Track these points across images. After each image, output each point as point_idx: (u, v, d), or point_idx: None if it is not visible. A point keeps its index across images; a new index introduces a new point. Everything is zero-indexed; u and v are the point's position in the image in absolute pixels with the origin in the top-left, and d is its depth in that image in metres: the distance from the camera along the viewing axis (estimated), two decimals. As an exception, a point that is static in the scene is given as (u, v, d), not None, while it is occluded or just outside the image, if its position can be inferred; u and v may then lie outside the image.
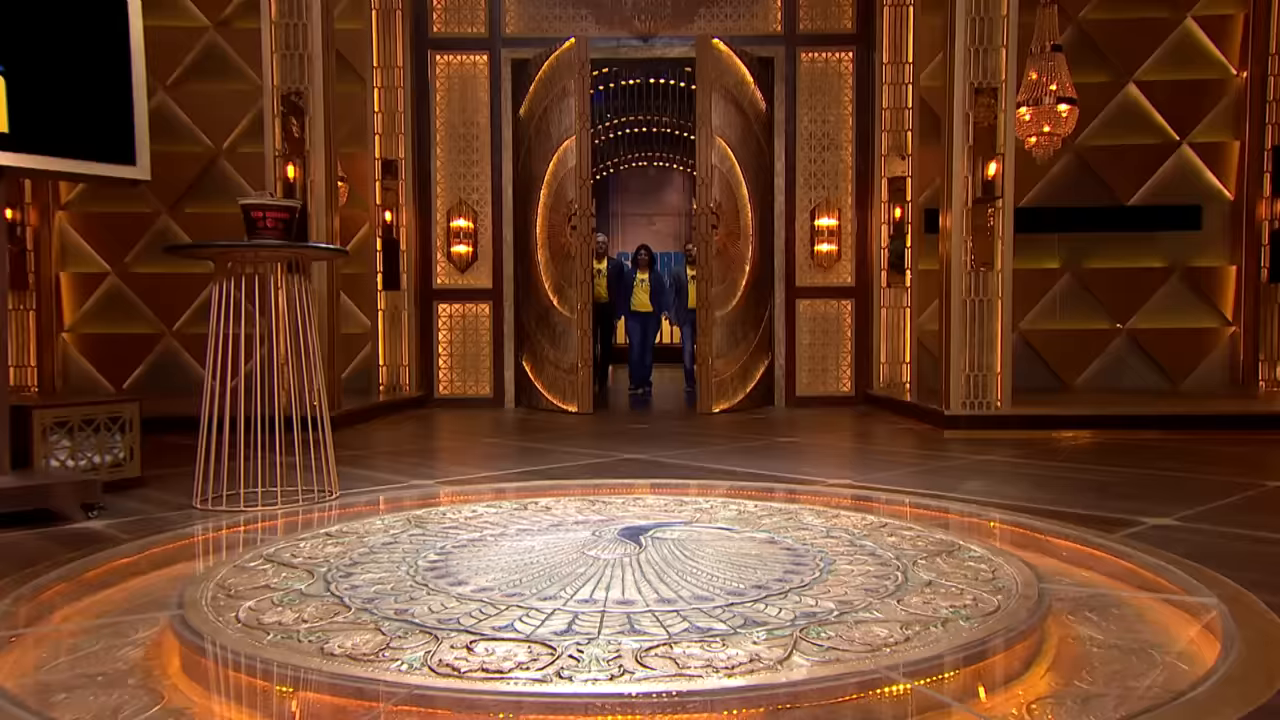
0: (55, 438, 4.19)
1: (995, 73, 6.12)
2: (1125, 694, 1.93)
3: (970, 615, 2.28)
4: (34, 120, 3.69)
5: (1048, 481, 4.75)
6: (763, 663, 1.92)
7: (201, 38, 8.43)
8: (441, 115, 8.75)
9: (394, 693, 1.82)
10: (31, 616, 2.52)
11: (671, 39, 8.37)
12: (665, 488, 4.55)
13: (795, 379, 8.57)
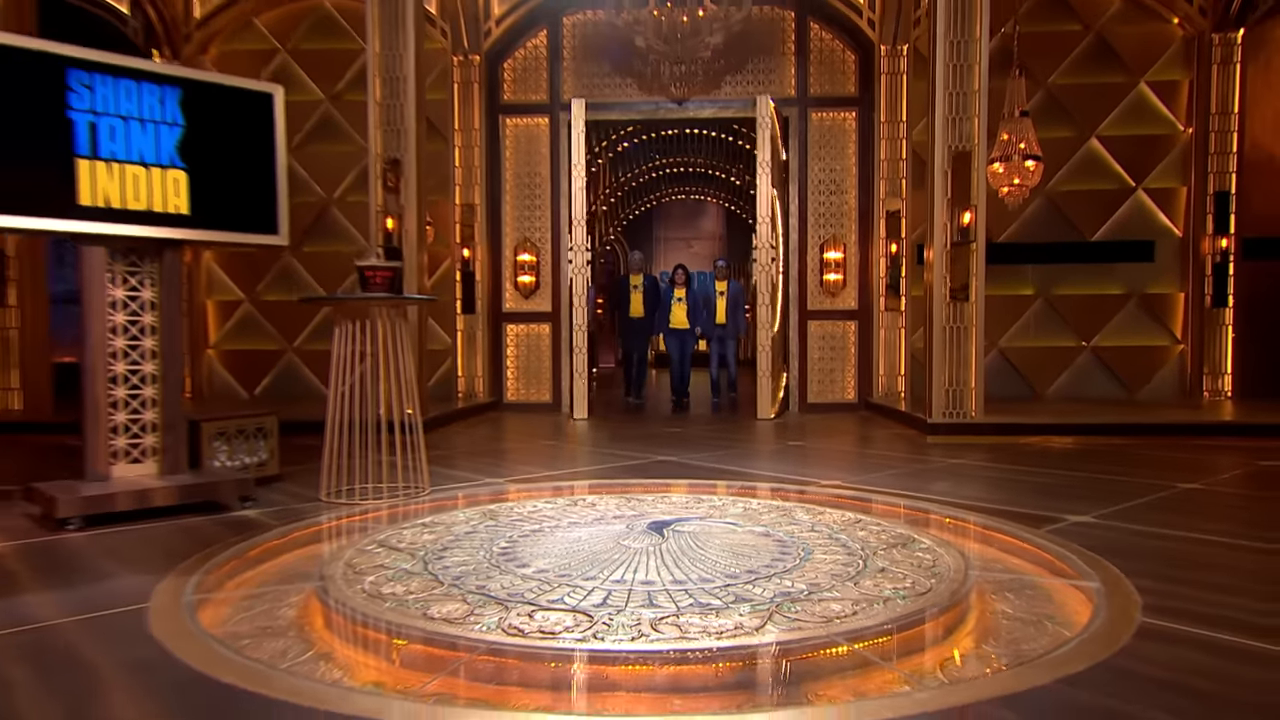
0: (217, 443, 4.56)
1: (969, 138, 6.25)
2: (1016, 654, 2.21)
3: (907, 595, 2.55)
4: (208, 204, 4.10)
5: (1002, 483, 4.86)
6: (744, 630, 2.22)
7: (318, 109, 8.81)
8: (510, 167, 8.95)
9: (476, 646, 2.15)
10: (215, 584, 2.88)
11: (702, 102, 8.52)
12: (686, 487, 4.72)
13: (807, 388, 8.67)
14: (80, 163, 3.70)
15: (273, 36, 8.76)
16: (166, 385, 4.03)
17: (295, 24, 8.77)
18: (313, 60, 8.79)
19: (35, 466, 5.33)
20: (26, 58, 3.59)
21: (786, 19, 8.44)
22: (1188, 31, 8.06)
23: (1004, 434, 6.34)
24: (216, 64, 8.64)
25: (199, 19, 8.55)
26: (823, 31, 8.46)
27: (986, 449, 6.00)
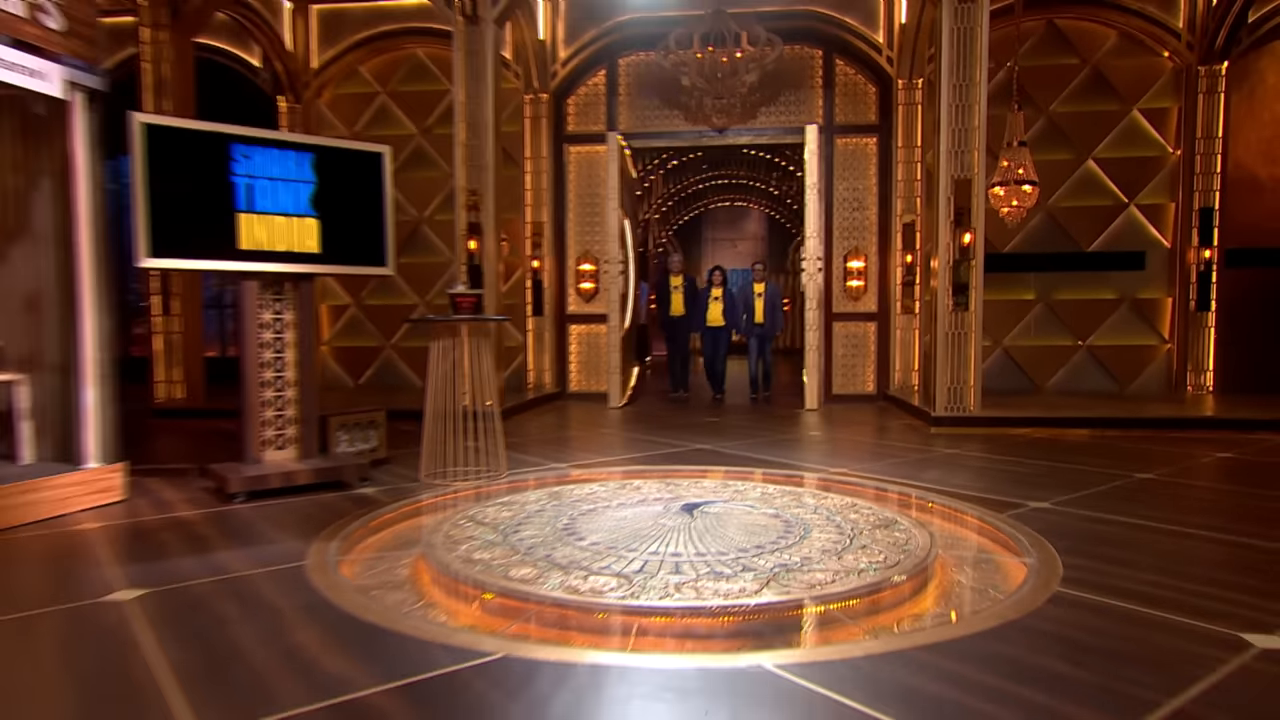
0: (340, 433, 5.05)
1: (970, 167, 6.44)
2: (960, 614, 2.64)
3: (879, 568, 2.98)
4: (334, 243, 4.61)
5: (985, 471, 5.06)
6: (746, 593, 2.68)
7: (411, 142, 9.25)
8: (573, 189, 9.24)
9: (543, 601, 2.64)
10: (349, 547, 3.41)
11: (740, 130, 8.73)
12: (715, 474, 5.00)
13: (831, 381, 8.83)
14: (240, 216, 4.29)
15: (375, 81, 9.26)
16: (303, 388, 4.56)
17: (393, 70, 9.25)
18: (407, 100, 9.25)
19: (200, 447, 5.94)
20: (202, 137, 4.17)
21: (815, 57, 8.61)
22: (1177, 64, 8.10)
23: (998, 426, 6.54)
24: (330, 106, 9.22)
25: (315, 69, 9.09)
26: (847, 67, 8.61)
27: (981, 440, 6.20)
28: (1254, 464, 5.32)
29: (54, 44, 3.71)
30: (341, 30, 9.05)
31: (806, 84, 8.64)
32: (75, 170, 3.90)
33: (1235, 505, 4.30)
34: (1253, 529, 3.58)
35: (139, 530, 3.59)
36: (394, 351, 9.42)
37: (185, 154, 4.11)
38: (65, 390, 4.05)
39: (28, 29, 3.57)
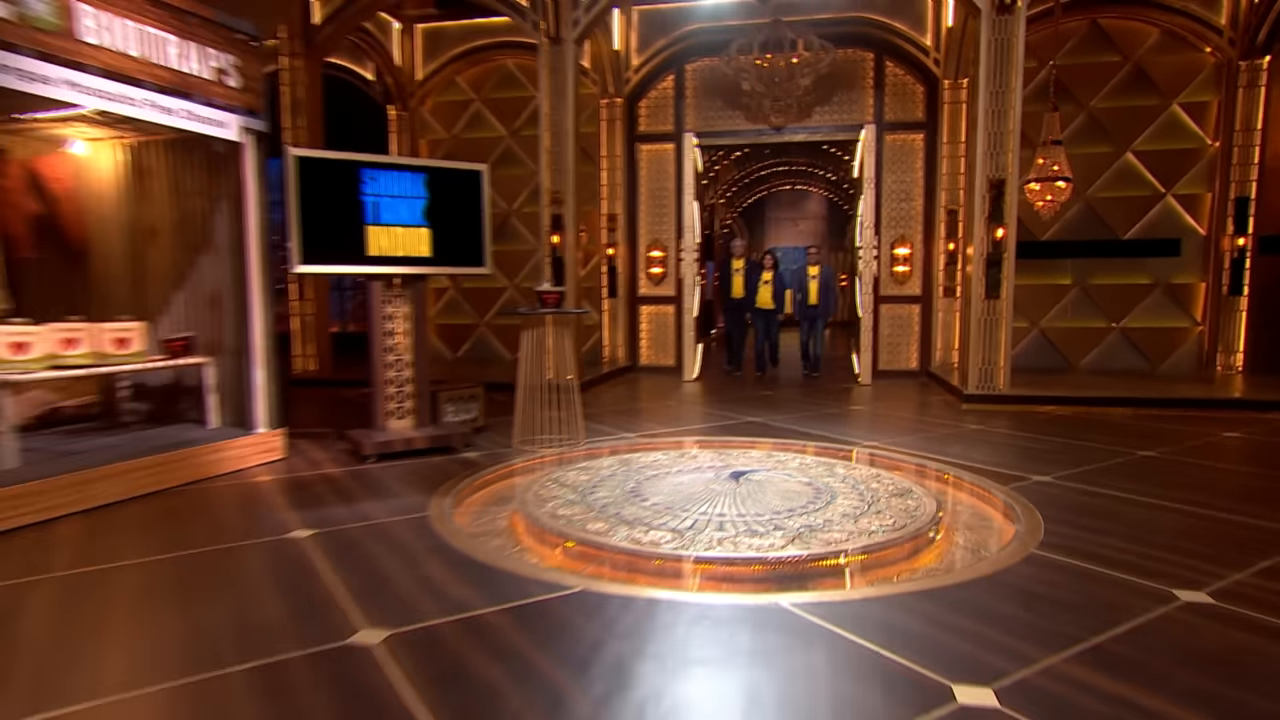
0: (447, 405, 5.61)
1: (1004, 168, 6.54)
2: (951, 569, 3.06)
3: (887, 530, 3.41)
4: (442, 248, 5.12)
5: (1002, 447, 5.26)
6: (774, 548, 3.15)
7: (501, 143, 9.71)
8: (644, 183, 9.59)
9: (613, 549, 3.16)
10: (460, 501, 3.97)
11: (796, 129, 8.88)
12: (762, 445, 5.35)
13: (878, 359, 9.00)
14: (368, 228, 4.89)
15: (470, 89, 9.77)
16: (418, 368, 5.15)
17: (486, 79, 9.75)
18: (498, 106, 9.73)
19: (333, 413, 6.62)
20: (340, 164, 4.79)
21: (867, 59, 8.73)
22: (1218, 59, 7.94)
23: (1025, 404, 6.68)
24: (431, 112, 9.80)
25: (420, 80, 9.65)
26: (896, 68, 8.70)
27: (1007, 416, 6.39)
28: (1257, 443, 5.41)
29: (233, 99, 4.35)
30: (441, 46, 9.59)
31: (858, 84, 8.77)
32: (246, 196, 4.57)
33: (1219, 481, 4.45)
34: (1224, 503, 3.82)
35: (300, 483, 4.28)
36: (486, 329, 10.03)
37: (326, 178, 4.72)
38: (240, 370, 4.76)
39: (215, 89, 4.22)
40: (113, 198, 4.96)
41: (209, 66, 4.22)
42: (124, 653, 2.30)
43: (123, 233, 4.97)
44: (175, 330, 4.80)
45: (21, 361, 3.90)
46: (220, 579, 2.88)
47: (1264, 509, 3.70)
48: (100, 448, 4.20)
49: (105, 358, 4.26)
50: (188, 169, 4.78)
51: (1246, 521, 3.52)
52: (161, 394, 5.04)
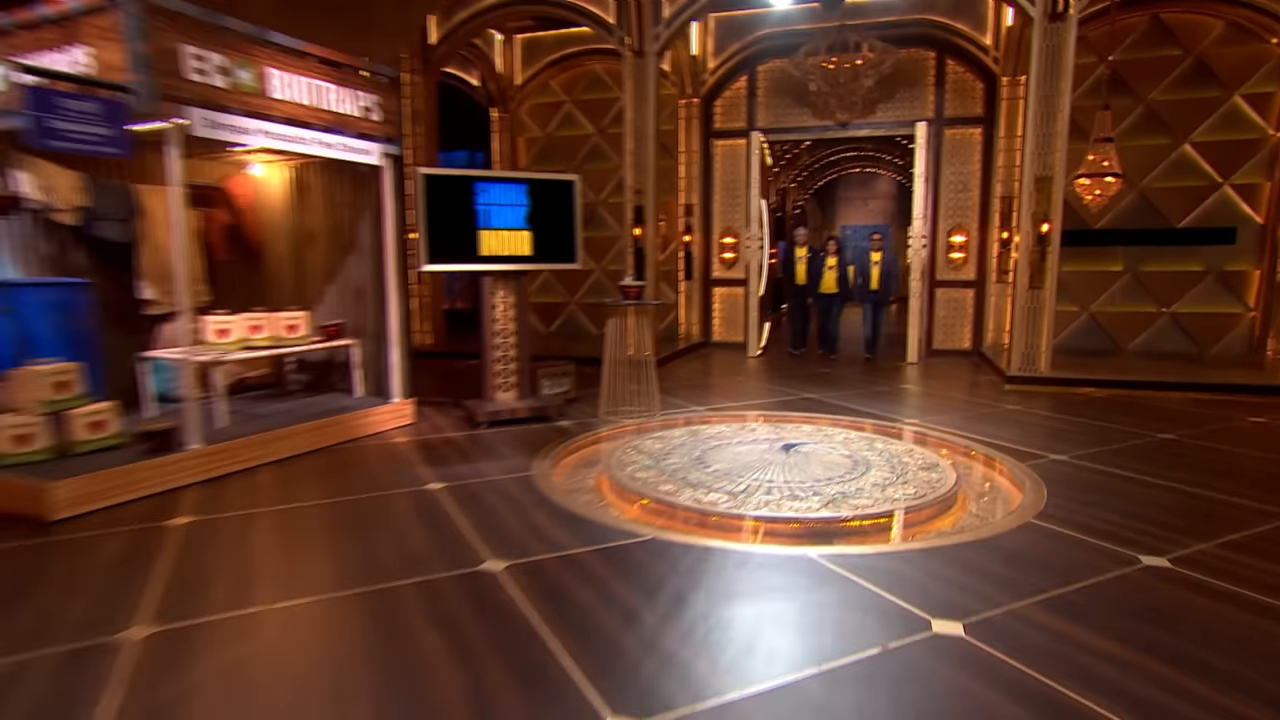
0: (544, 379, 6.18)
1: (1050, 166, 6.63)
2: (963, 533, 3.48)
3: (908, 499, 3.85)
4: (541, 247, 5.67)
5: (1030, 427, 5.46)
6: (811, 510, 3.66)
7: (590, 140, 10.17)
8: (718, 175, 9.91)
9: (679, 507, 3.72)
10: (554, 464, 4.55)
11: (860, 124, 9.06)
12: (814, 420, 5.73)
13: (932, 338, 9.20)
14: (480, 232, 5.54)
15: (562, 92, 10.25)
16: (520, 349, 5.76)
17: (576, 82, 10.21)
18: (587, 106, 10.19)
19: (448, 384, 7.28)
20: (458, 179, 5.44)
21: (929, 58, 8.77)
22: (1285, 49, 7.66)
23: (1064, 386, 6.78)
24: (528, 114, 10.37)
25: (519, 85, 10.20)
26: (957, 66, 8.71)
27: (1046, 397, 6.54)
28: (1278, 429, 5.48)
29: (375, 130, 5.04)
30: (537, 53, 10.12)
31: (920, 82, 8.84)
32: (384, 208, 5.29)
33: (1224, 464, 4.58)
34: (1218, 484, 4.05)
35: (428, 445, 5.02)
36: (576, 306, 10.60)
37: (448, 191, 5.37)
38: (379, 350, 5.54)
39: (363, 124, 4.92)
40: (281, 209, 5.78)
41: (358, 106, 4.91)
42: (318, 567, 3.04)
43: (289, 238, 5.80)
44: (329, 317, 5.61)
45: (223, 344, 4.75)
46: (380, 518, 3.61)
47: (1253, 490, 3.95)
48: (278, 412, 5.05)
49: (280, 340, 5.09)
50: (338, 184, 5.53)
51: (1231, 501, 3.80)
52: (318, 368, 5.89)
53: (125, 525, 3.45)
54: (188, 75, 3.87)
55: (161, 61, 3.74)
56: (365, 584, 2.82)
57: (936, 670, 2.23)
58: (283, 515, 3.64)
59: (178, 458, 4.01)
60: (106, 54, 3.72)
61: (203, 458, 4.12)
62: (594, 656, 2.28)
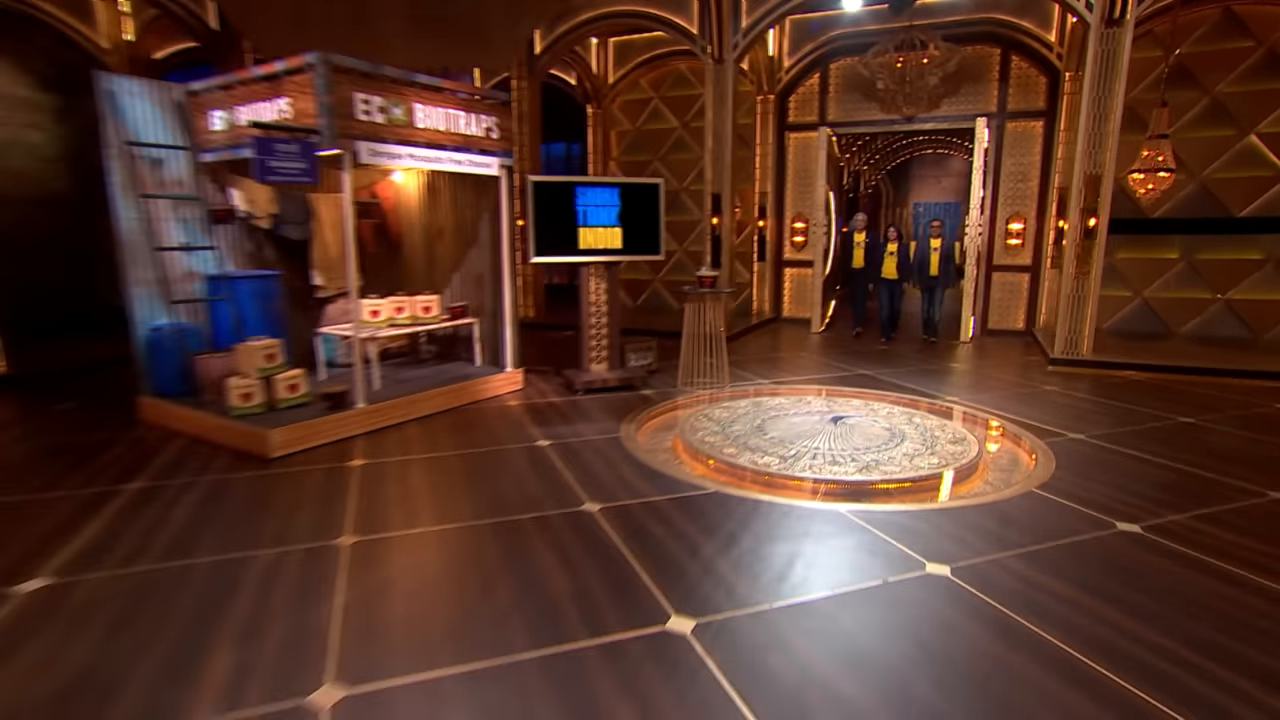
0: (631, 352, 6.77)
1: (1100, 165, 6.69)
2: (972, 498, 4.00)
3: (931, 467, 4.36)
4: (630, 241, 6.26)
5: (1059, 407, 5.70)
6: (849, 473, 4.23)
7: (674, 133, 10.62)
8: (791, 165, 10.19)
9: (739, 467, 4.34)
10: (638, 427, 5.20)
11: (925, 118, 9.14)
12: (864, 394, 6.16)
13: (988, 319, 9.33)
14: (579, 229, 6.23)
15: (650, 89, 10.72)
16: (611, 327, 6.44)
17: (663, 80, 10.65)
18: (672, 102, 10.62)
19: (548, 354, 7.98)
20: (561, 185, 6.13)
21: (994, 55, 8.75)
22: (1360, 41, 7.29)
23: (1104, 369, 6.90)
24: (619, 109, 10.91)
25: (611, 83, 10.76)
26: (1021, 62, 8.66)
27: (1085, 379, 6.71)
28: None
29: (494, 146, 5.77)
30: (628, 55, 10.60)
31: (985, 77, 8.84)
32: (500, 210, 6.04)
33: (1228, 447, 4.78)
34: (1213, 464, 4.34)
35: (535, 408, 5.82)
36: (660, 284, 11.21)
37: (553, 194, 6.08)
38: (495, 327, 6.35)
39: (484, 142, 5.66)
40: (416, 210, 6.64)
41: (481, 127, 5.64)
42: (459, 502, 3.86)
43: (422, 234, 6.66)
44: (455, 299, 6.46)
45: (375, 322, 5.65)
46: (501, 466, 4.41)
47: (1243, 471, 4.25)
48: (416, 378, 5.95)
49: (418, 319, 5.96)
50: (463, 189, 6.31)
51: (1219, 479, 4.13)
52: (445, 341, 6.78)
53: (319, 464, 4.38)
54: (357, 115, 4.68)
55: (340, 107, 4.55)
56: (496, 516, 3.61)
57: (922, 600, 2.82)
58: (428, 462, 4.50)
59: (348, 414, 4.94)
60: (301, 103, 4.56)
61: (366, 414, 5.04)
62: (664, 575, 2.98)
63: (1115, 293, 8.51)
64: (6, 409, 5.71)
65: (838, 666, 2.36)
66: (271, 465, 4.35)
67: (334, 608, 2.72)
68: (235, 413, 4.65)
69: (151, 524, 3.48)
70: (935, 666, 2.36)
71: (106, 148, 4.96)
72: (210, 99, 5.16)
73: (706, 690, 2.23)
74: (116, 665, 2.36)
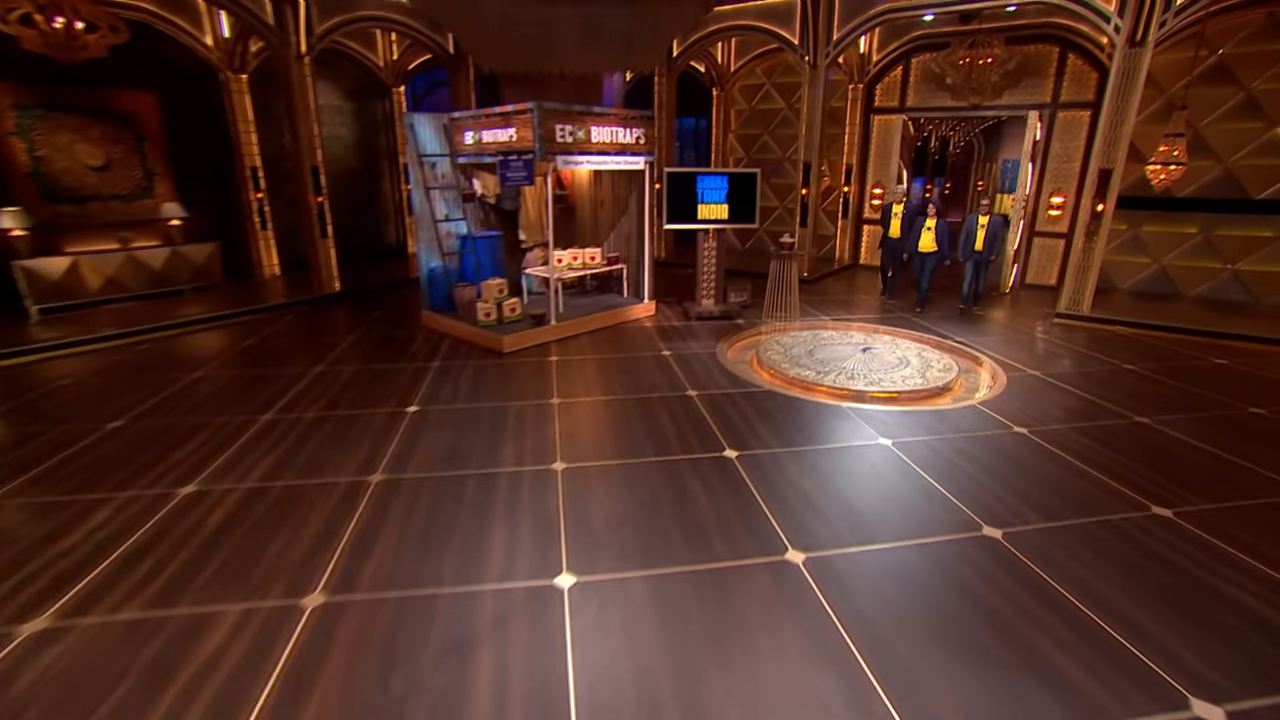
0: (731, 291, 8.19)
1: (1112, 161, 7.10)
2: (933, 407, 5.41)
3: (917, 385, 5.74)
4: (733, 212, 7.64)
5: (1037, 352, 6.56)
6: (866, 390, 5.74)
7: (781, 112, 11.39)
8: (874, 142, 10.74)
9: (790, 377, 5.97)
10: (729, 346, 6.82)
11: (988, 107, 9.38)
12: (895, 333, 7.23)
13: (1026, 274, 9.71)
14: (699, 205, 7.74)
15: (763, 75, 11.44)
16: (718, 272, 8.01)
17: (774, 69, 11.31)
18: (781, 87, 11.25)
19: (673, 287, 9.47)
20: (687, 175, 7.60)
21: (1052, 53, 8.86)
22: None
23: (1100, 324, 7.44)
24: (739, 92, 11.81)
25: (732, 71, 11.68)
26: (1076, 59, 8.74)
27: (1080, 331, 7.33)
28: (1227, 370, 6.11)
29: (641, 149, 7.32)
30: (747, 49, 11.37)
31: (1043, 72, 9.01)
32: (644, 190, 7.65)
33: (1143, 388, 5.54)
34: (1117, 398, 5.34)
35: (661, 329, 7.59)
36: (764, 233, 12.44)
37: (681, 181, 7.59)
38: (637, 271, 8.11)
39: (635, 147, 7.22)
40: (586, 188, 8.37)
41: (633, 137, 7.20)
42: (613, 383, 5.75)
43: (590, 205, 8.41)
44: (611, 251, 8.23)
45: (559, 267, 7.56)
46: (637, 365, 6.26)
47: (1133, 403, 5.26)
48: (585, 304, 7.87)
49: (586, 265, 7.81)
50: (618, 175, 7.95)
51: (1108, 406, 5.20)
52: (603, 279, 8.64)
53: (531, 358, 6.43)
54: (557, 139, 6.40)
55: (548, 133, 6.28)
56: (634, 394, 5.48)
57: (869, 456, 4.41)
58: (594, 360, 6.42)
59: (545, 328, 6.94)
60: (523, 131, 6.32)
61: (556, 328, 7.03)
62: (726, 429, 4.74)
63: (1136, 259, 8.88)
64: (345, 315, 8.23)
65: (809, 481, 4.06)
66: (504, 357, 6.45)
67: (555, 430, 4.71)
68: (481, 324, 6.78)
69: (453, 385, 5.65)
70: (863, 483, 4.01)
71: (410, 160, 7.02)
72: (463, 123, 7.05)
73: (739, 483, 4.02)
74: (466, 445, 4.48)
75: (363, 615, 2.83)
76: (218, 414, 5.00)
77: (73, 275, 7.86)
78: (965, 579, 3.08)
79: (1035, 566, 3.17)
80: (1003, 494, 3.89)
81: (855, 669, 2.55)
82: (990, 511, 3.69)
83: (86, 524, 3.53)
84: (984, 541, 3.38)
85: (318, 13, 8.08)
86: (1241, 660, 2.62)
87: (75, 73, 7.59)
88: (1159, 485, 4.00)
